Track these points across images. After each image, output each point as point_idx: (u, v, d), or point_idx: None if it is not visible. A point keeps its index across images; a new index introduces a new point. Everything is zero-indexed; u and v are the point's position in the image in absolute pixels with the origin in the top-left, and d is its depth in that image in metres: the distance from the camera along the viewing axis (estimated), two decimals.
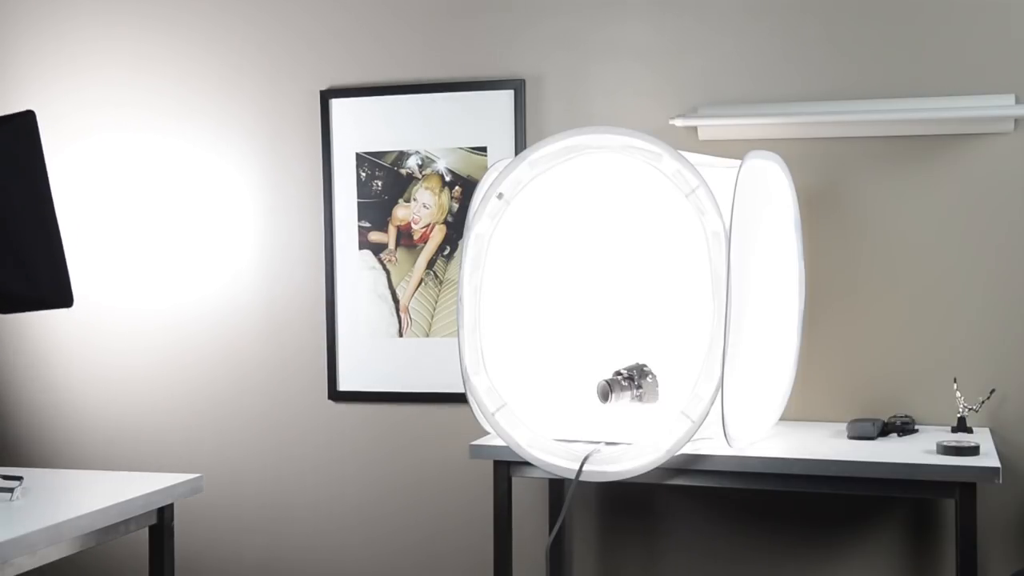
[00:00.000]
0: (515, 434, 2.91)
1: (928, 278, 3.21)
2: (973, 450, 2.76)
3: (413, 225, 3.58)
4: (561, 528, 3.31)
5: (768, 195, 3.05)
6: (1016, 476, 3.13)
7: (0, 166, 3.22)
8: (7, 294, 3.35)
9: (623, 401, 2.92)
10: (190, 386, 3.78)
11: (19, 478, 2.51)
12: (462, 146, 3.52)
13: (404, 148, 3.57)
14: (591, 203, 3.13)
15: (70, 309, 3.88)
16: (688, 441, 2.73)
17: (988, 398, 3.11)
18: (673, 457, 2.77)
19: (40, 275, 3.21)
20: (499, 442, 2.97)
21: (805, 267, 3.19)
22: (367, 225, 3.61)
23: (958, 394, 3.10)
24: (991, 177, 3.16)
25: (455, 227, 3.52)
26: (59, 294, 3.24)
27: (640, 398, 2.94)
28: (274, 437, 3.73)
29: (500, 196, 2.94)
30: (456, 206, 3.52)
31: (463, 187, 3.52)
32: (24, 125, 3.24)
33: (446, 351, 3.51)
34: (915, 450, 2.86)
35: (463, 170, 3.52)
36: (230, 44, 3.72)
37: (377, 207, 3.60)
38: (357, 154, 3.61)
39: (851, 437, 3.02)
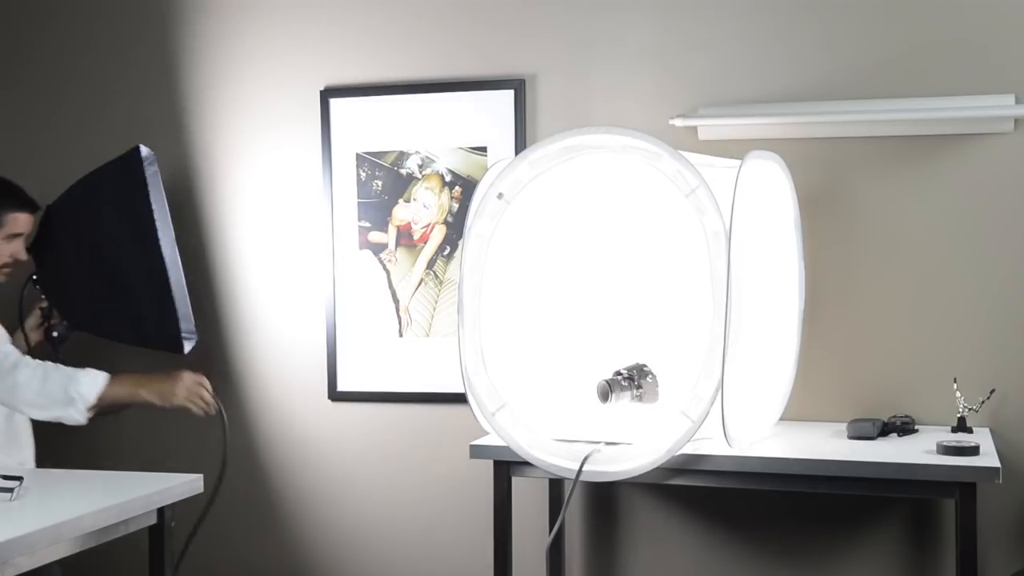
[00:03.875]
0: (515, 434, 2.91)
1: (928, 278, 3.21)
2: (973, 450, 2.76)
3: (413, 225, 3.58)
4: (561, 528, 3.31)
5: (768, 195, 3.05)
6: (1016, 476, 3.12)
7: (109, 210, 3.22)
8: (110, 337, 3.35)
9: (623, 401, 2.92)
10: None
11: (19, 478, 2.51)
12: (462, 146, 3.52)
13: (404, 148, 3.57)
14: (591, 203, 3.13)
15: None
16: (688, 441, 2.73)
17: (988, 398, 3.11)
18: (673, 457, 2.77)
19: (148, 325, 3.21)
20: (499, 442, 2.97)
21: (805, 267, 3.19)
22: (367, 225, 3.61)
23: (958, 394, 3.10)
24: (991, 177, 3.16)
25: (455, 227, 3.52)
26: (168, 342, 3.23)
27: (640, 398, 2.94)
28: (274, 437, 3.72)
29: (500, 196, 2.94)
30: (456, 206, 3.52)
31: (463, 187, 3.52)
32: (129, 164, 3.23)
33: (446, 351, 3.51)
34: (915, 450, 2.86)
35: (463, 170, 3.52)
36: (231, 43, 3.72)
37: (377, 207, 3.60)
38: (357, 154, 3.61)
39: (851, 437, 3.02)
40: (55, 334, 3.32)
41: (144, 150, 3.27)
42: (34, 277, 3.29)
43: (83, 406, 2.90)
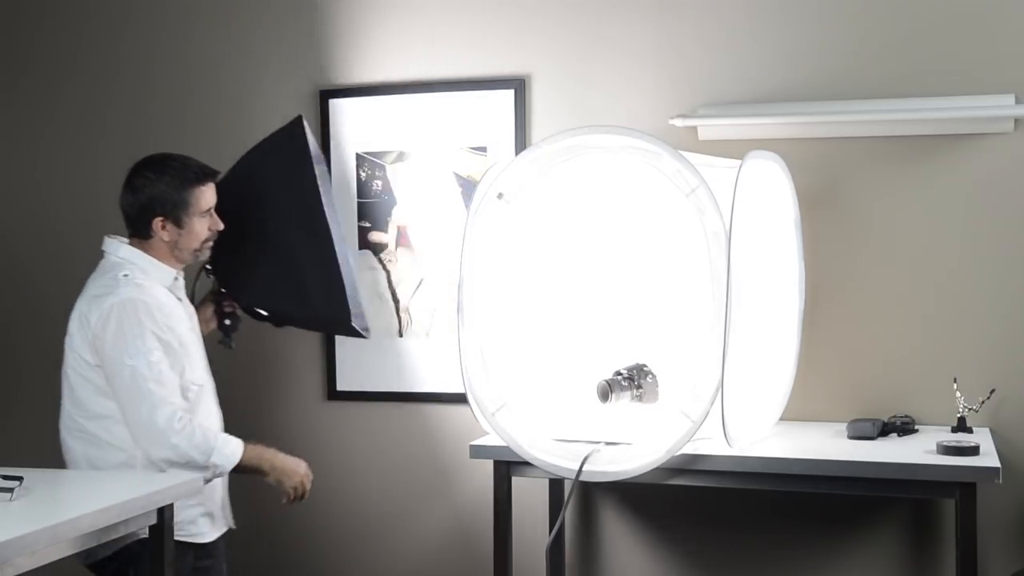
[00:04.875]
0: (515, 434, 2.91)
1: (928, 278, 3.21)
2: (973, 450, 2.76)
3: None
4: (561, 528, 3.31)
5: (768, 195, 3.05)
6: (1016, 476, 3.12)
7: (273, 179, 3.14)
8: (281, 313, 3.27)
9: (623, 401, 2.92)
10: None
11: (19, 478, 2.50)
12: (462, 146, 3.52)
13: (404, 148, 3.57)
14: (591, 203, 3.12)
15: None
16: (688, 441, 2.73)
17: (988, 398, 3.11)
18: (673, 457, 2.77)
19: (313, 296, 3.14)
20: (499, 442, 2.97)
21: (805, 267, 3.19)
22: (367, 225, 3.61)
23: (958, 394, 3.10)
24: (991, 177, 3.16)
25: (455, 227, 3.51)
26: (336, 317, 3.14)
27: (640, 398, 2.94)
28: (273, 437, 3.71)
29: (500, 196, 2.94)
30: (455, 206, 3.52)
31: (463, 187, 3.51)
32: (292, 135, 3.17)
33: (446, 351, 3.51)
34: (915, 450, 2.86)
35: (463, 170, 3.52)
36: (230, 43, 3.72)
37: (377, 207, 3.60)
38: (357, 154, 3.61)
39: (851, 437, 3.02)
40: (227, 322, 3.22)
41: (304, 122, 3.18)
42: (208, 266, 3.14)
43: (212, 474, 2.84)
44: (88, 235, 3.86)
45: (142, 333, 2.78)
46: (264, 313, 3.25)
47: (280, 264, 3.14)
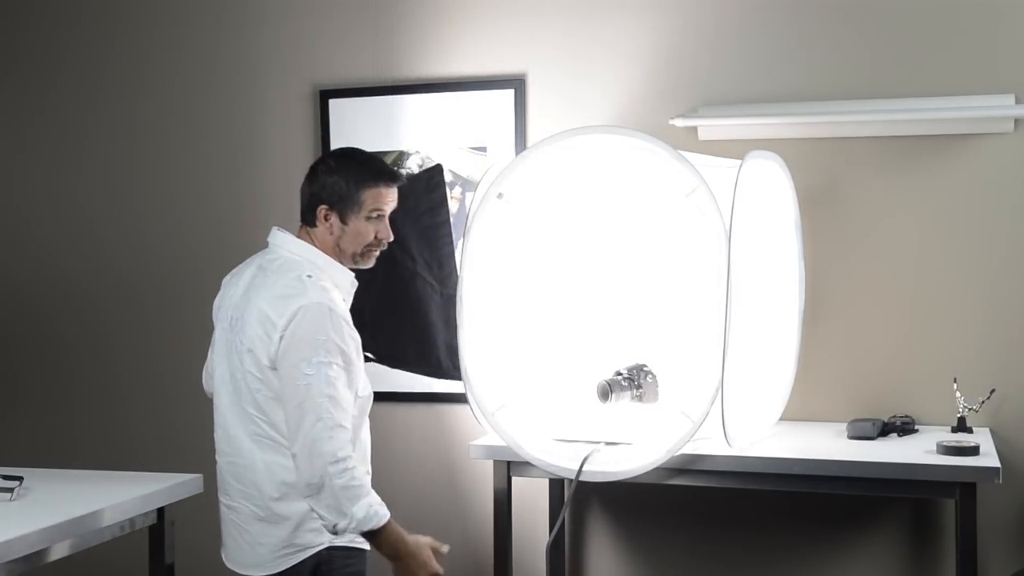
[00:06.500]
0: (515, 434, 2.91)
1: (928, 278, 3.21)
2: (973, 450, 2.76)
3: None
4: (561, 528, 3.31)
5: (768, 195, 3.05)
6: (1016, 476, 3.12)
7: (407, 228, 3.06)
8: (401, 365, 3.22)
9: (623, 401, 2.92)
10: (190, 386, 3.77)
11: (19, 478, 2.51)
12: (462, 146, 3.52)
13: (404, 148, 3.57)
14: (591, 203, 3.13)
15: (71, 311, 3.90)
16: (688, 441, 2.73)
17: (988, 398, 3.11)
18: (673, 457, 2.77)
19: (435, 350, 3.09)
20: (499, 442, 2.97)
21: (805, 267, 3.19)
22: None
23: (958, 394, 3.10)
24: (991, 177, 3.16)
25: (455, 227, 3.51)
26: (451, 373, 3.10)
27: (640, 398, 2.94)
28: None
29: (500, 196, 2.94)
30: (456, 206, 3.52)
31: (463, 187, 3.51)
32: (431, 182, 3.14)
33: None
34: (915, 450, 2.86)
35: (463, 170, 3.52)
36: (229, 43, 3.72)
37: None
38: None
39: (851, 437, 3.02)
40: None
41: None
42: None
43: (343, 527, 2.50)
44: (74, 238, 3.88)
45: (326, 343, 2.53)
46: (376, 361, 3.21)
47: (407, 320, 3.10)
